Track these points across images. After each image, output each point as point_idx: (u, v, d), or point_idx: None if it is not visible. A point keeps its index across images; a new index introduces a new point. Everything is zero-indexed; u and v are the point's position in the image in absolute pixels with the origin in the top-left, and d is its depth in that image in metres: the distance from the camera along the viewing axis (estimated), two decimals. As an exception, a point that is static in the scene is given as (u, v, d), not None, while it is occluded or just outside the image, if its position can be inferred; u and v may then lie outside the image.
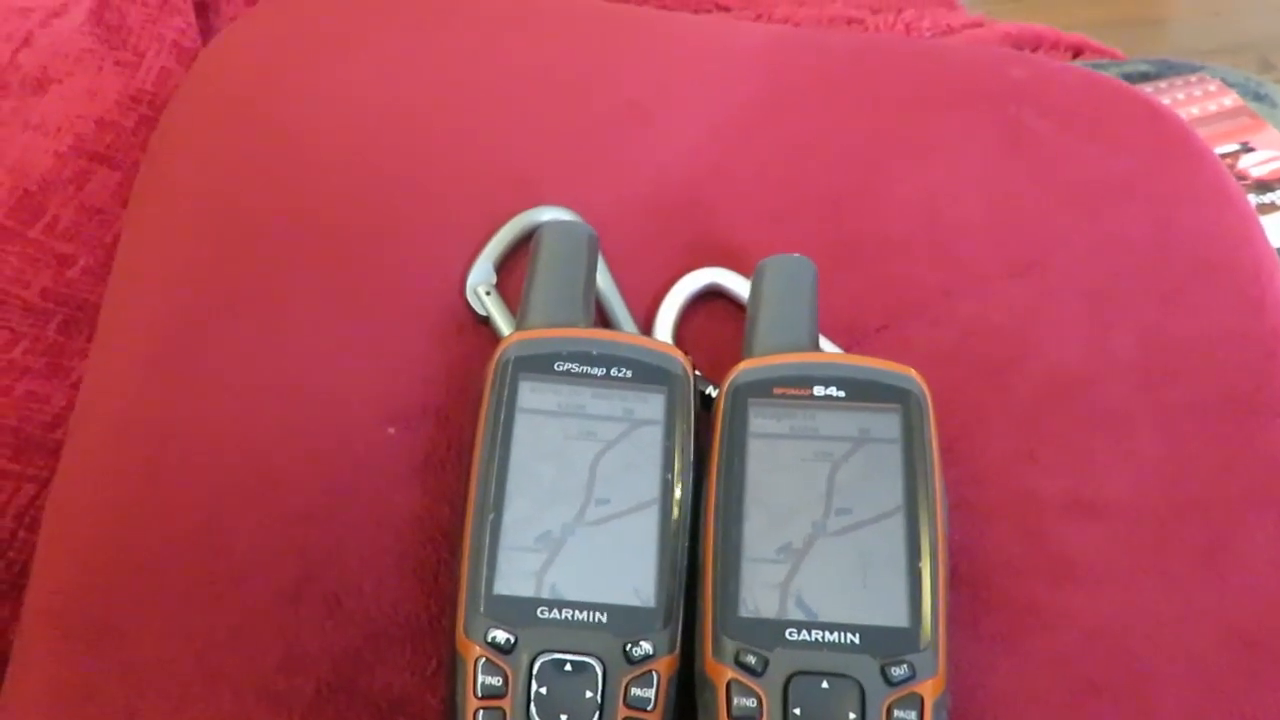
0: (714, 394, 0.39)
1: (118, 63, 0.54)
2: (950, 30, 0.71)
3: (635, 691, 0.31)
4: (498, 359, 0.37)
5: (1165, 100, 0.63)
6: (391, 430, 0.40)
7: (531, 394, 0.36)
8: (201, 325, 0.43)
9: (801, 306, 0.40)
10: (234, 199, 0.47)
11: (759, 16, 0.74)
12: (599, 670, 0.32)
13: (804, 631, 0.33)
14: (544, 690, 0.31)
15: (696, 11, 0.84)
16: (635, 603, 0.33)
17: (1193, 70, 0.65)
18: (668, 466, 0.35)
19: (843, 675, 0.32)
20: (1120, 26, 1.63)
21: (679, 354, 0.38)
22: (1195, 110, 0.61)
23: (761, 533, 0.35)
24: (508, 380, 0.36)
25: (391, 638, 0.37)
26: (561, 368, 0.36)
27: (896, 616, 0.33)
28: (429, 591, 0.37)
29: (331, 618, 0.37)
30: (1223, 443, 0.42)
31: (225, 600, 0.37)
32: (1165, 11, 1.71)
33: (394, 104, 0.50)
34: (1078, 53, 0.74)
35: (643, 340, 0.38)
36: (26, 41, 0.55)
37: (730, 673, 0.32)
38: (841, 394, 0.37)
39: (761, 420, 0.37)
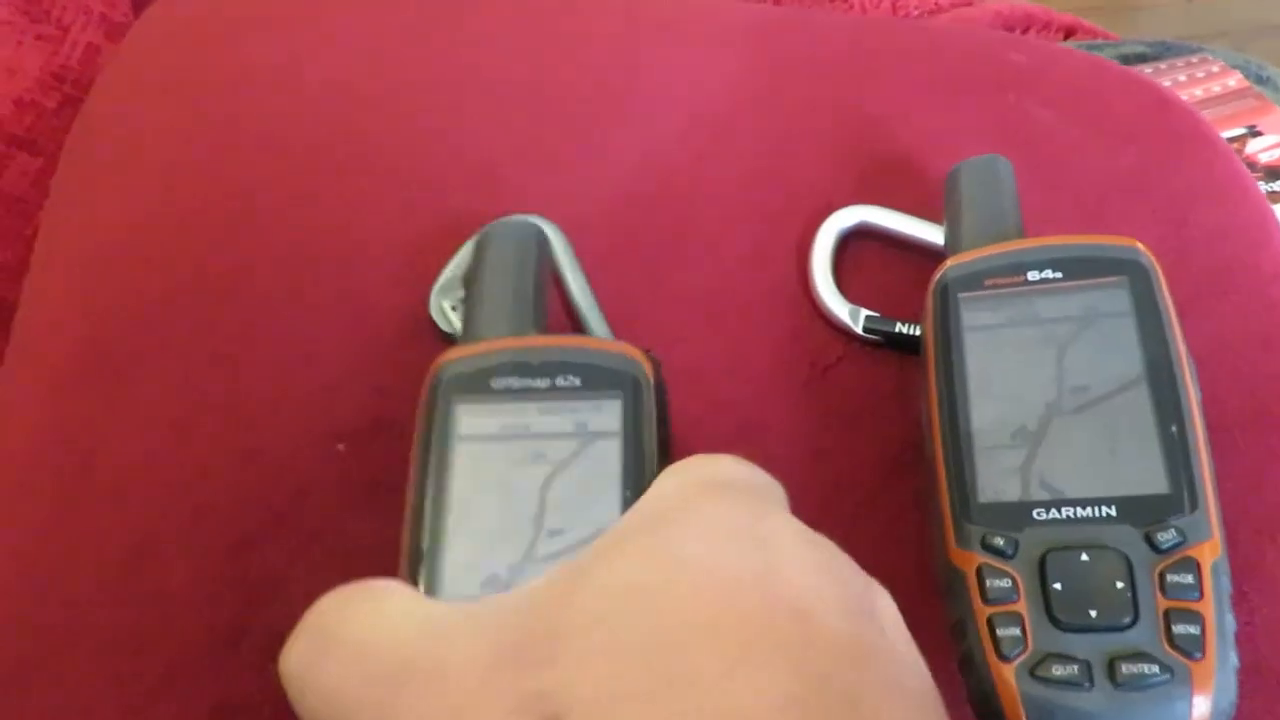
0: (908, 331, 0.41)
1: (39, 37, 0.49)
2: (938, 9, 0.68)
3: None
4: (429, 383, 0.32)
5: (1166, 82, 0.60)
6: (341, 447, 0.37)
7: (469, 419, 0.32)
8: (129, 333, 0.39)
9: (1003, 200, 0.40)
10: (166, 189, 0.43)
11: (738, -8, 0.70)
12: None
13: (1052, 510, 0.32)
14: None
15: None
16: None
17: (1192, 51, 0.62)
18: (629, 483, 0.31)
19: (1103, 546, 0.31)
20: (1096, 13, 1.61)
21: (636, 353, 0.33)
22: (1199, 92, 0.58)
23: (991, 421, 0.35)
24: (439, 405, 0.32)
25: (340, 684, 0.33)
26: (500, 384, 0.32)
27: (1155, 484, 0.32)
28: (381, 632, 0.33)
29: (273, 659, 0.33)
30: (1247, 460, 0.39)
31: (154, 642, 0.33)
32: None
33: (340, 88, 0.46)
34: (1069, 33, 0.71)
35: (591, 342, 0.34)
36: (-60, 13, 0.50)
37: (979, 558, 0.32)
38: (1059, 275, 0.37)
39: (974, 314, 0.37)
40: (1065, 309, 0.36)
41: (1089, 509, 0.32)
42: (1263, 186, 0.54)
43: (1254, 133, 0.57)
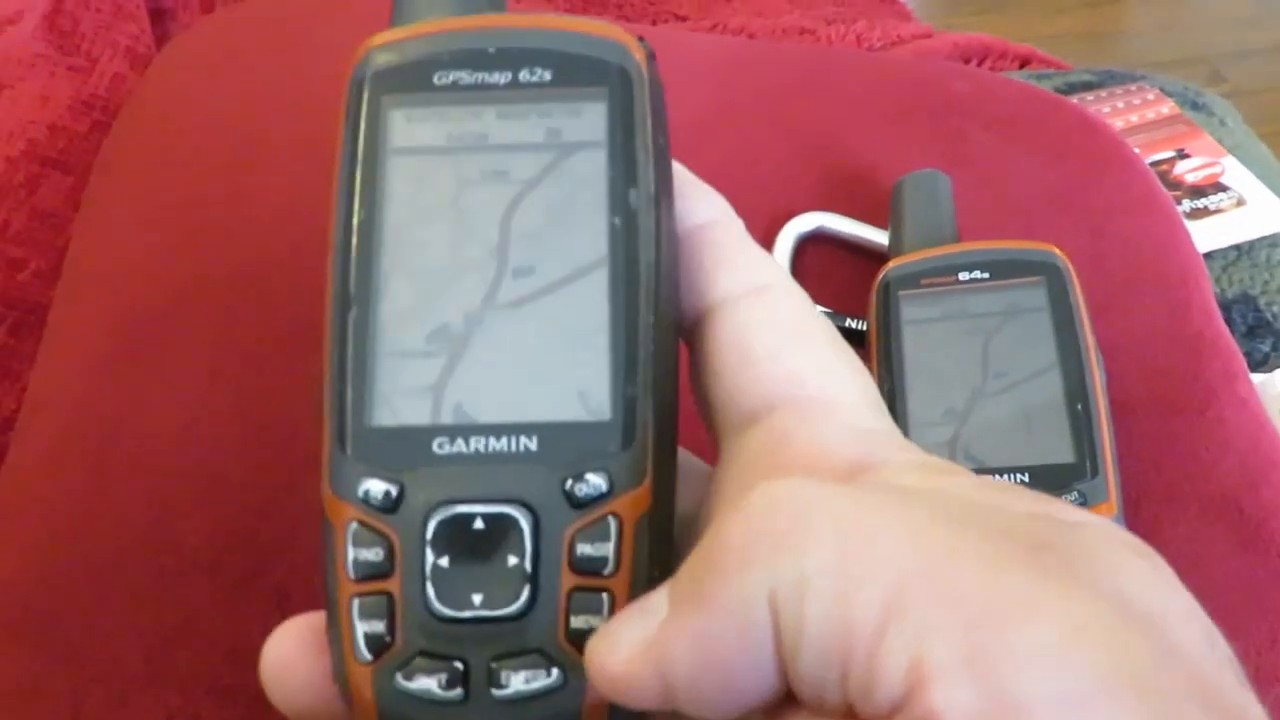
0: (856, 326, 0.45)
1: (70, 68, 0.54)
2: (900, 41, 0.73)
3: (584, 549, 0.21)
4: (351, 78, 0.24)
5: (1105, 109, 0.64)
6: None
7: (406, 125, 0.24)
8: (152, 323, 0.43)
9: (941, 209, 0.45)
10: (186, 200, 0.47)
11: (714, 26, 0.75)
12: (526, 523, 0.21)
13: None
14: (445, 562, 0.21)
15: (654, 22, 0.86)
16: (580, 416, 0.22)
17: (1132, 80, 0.67)
18: (618, 208, 0.23)
19: None
20: (1076, 40, 1.67)
21: (625, 36, 0.24)
22: (1134, 118, 0.63)
23: (924, 401, 0.39)
24: (366, 108, 0.24)
25: (338, 631, 0.37)
26: (444, 79, 0.24)
27: (1062, 454, 0.37)
28: (375, 586, 0.38)
29: (280, 610, 0.37)
30: (1151, 441, 0.43)
31: (173, 595, 0.38)
32: (1120, 25, 1.75)
33: (337, 105, 0.51)
34: (1025, 63, 0.76)
35: (564, 21, 0.24)
36: (-20, 48, 0.55)
37: None
38: (986, 275, 0.41)
39: (912, 309, 0.41)
40: (991, 305, 0.41)
41: (1006, 476, 0.37)
42: (1188, 204, 0.58)
43: (1182, 155, 0.61)
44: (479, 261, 0.23)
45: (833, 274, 0.48)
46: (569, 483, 0.21)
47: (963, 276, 0.42)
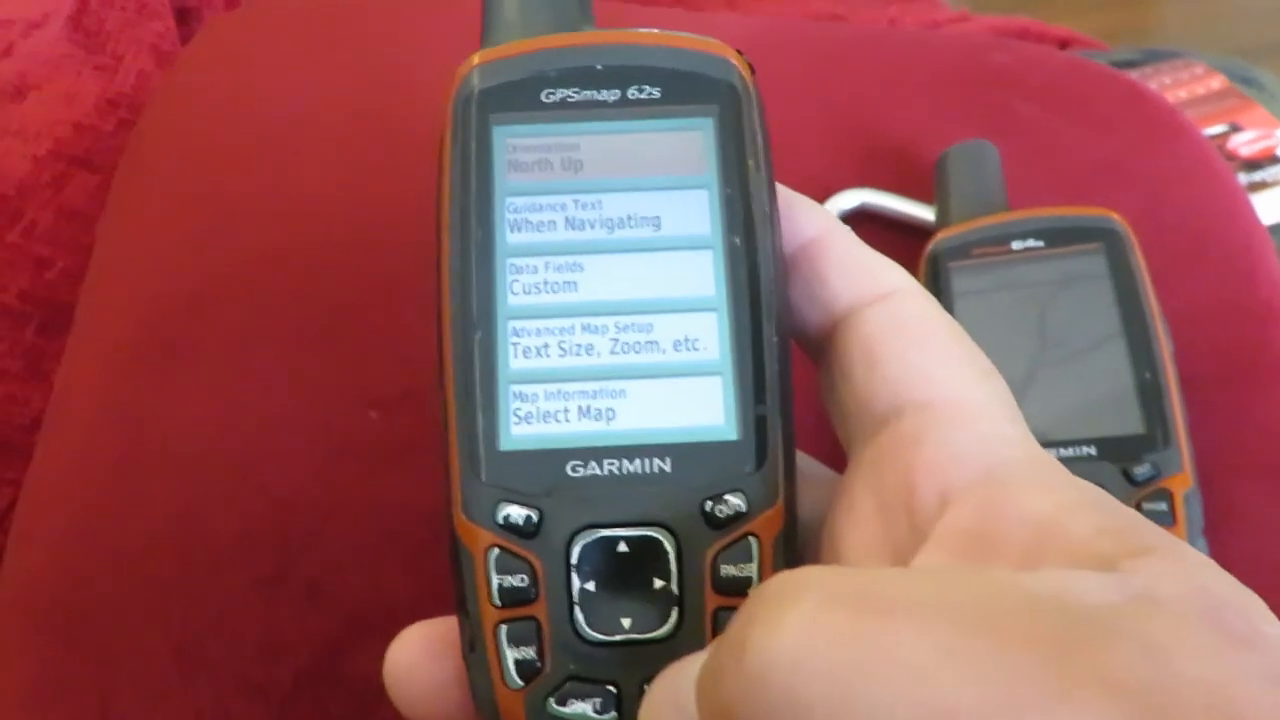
0: None
1: (96, 67, 0.54)
2: (935, 25, 0.71)
3: (728, 570, 0.21)
4: (455, 97, 0.24)
5: (1153, 85, 0.62)
6: (373, 414, 0.40)
7: (514, 146, 0.23)
8: (178, 317, 0.42)
9: (989, 178, 0.43)
10: (212, 194, 0.46)
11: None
12: (670, 546, 0.21)
13: None
14: (591, 586, 0.21)
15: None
16: (712, 437, 0.22)
17: (1178, 56, 0.65)
18: (735, 221, 0.23)
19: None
20: (1108, 35, 1.64)
21: (730, 52, 0.24)
22: (1183, 94, 0.61)
23: None
24: (474, 128, 0.23)
25: (373, 623, 0.36)
26: (553, 97, 0.23)
27: (1131, 425, 0.36)
28: (411, 574, 0.36)
29: (311, 604, 0.36)
30: (1221, 414, 0.41)
31: (203, 590, 0.36)
32: (1151, 21, 1.72)
33: (374, 104, 0.50)
34: (1065, 44, 0.74)
35: (669, 38, 0.24)
36: (6, 52, 0.54)
37: None
38: (1040, 244, 0.39)
39: (963, 280, 0.39)
40: (1047, 274, 0.39)
41: (1071, 449, 0.36)
42: (1244, 178, 0.56)
43: (1236, 129, 0.59)
44: (599, 278, 0.23)
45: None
46: (708, 504, 0.21)
47: (1015, 245, 0.40)
